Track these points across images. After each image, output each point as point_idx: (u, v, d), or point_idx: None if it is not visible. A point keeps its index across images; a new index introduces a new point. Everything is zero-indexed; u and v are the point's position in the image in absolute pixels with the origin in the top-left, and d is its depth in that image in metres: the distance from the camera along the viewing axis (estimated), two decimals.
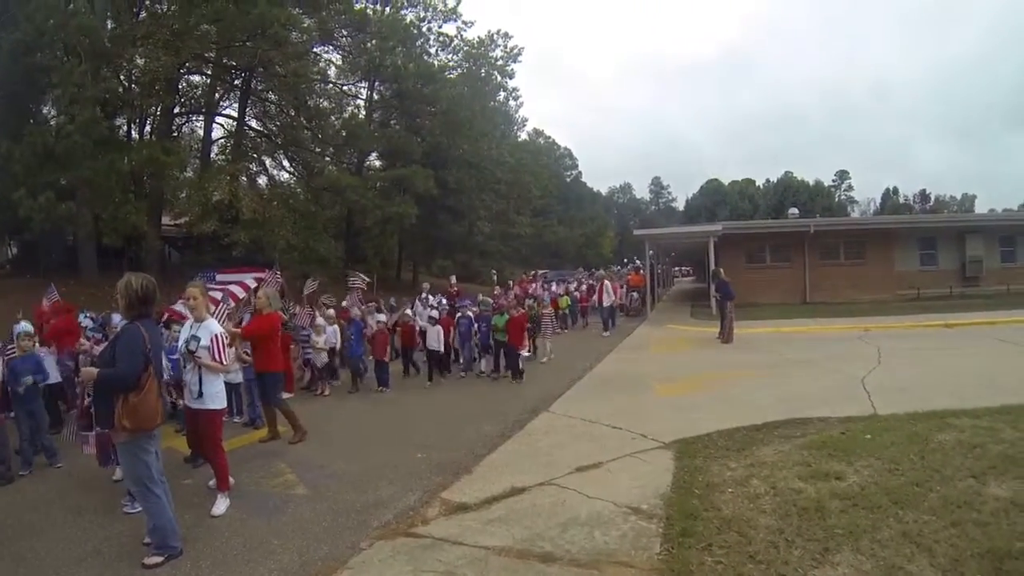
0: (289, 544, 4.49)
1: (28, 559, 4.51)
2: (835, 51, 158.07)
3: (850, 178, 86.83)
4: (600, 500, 4.71)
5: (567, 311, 19.11)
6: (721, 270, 15.44)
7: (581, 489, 5.00)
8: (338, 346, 10.88)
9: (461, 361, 11.99)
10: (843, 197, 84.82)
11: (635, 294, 22.70)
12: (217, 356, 5.33)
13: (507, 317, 10.80)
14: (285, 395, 9.21)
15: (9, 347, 7.51)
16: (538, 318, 12.97)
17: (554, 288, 21.87)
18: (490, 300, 13.21)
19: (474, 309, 12.10)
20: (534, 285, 22.79)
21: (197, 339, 5.35)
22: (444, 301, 16.66)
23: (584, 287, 22.77)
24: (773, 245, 23.31)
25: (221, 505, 5.29)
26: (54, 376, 7.76)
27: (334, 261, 25.66)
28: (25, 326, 8.32)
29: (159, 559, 4.28)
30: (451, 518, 4.68)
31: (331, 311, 11.13)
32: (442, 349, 11.29)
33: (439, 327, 11.27)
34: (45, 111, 24.25)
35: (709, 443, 5.96)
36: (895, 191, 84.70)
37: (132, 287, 4.24)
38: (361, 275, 14.66)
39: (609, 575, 3.58)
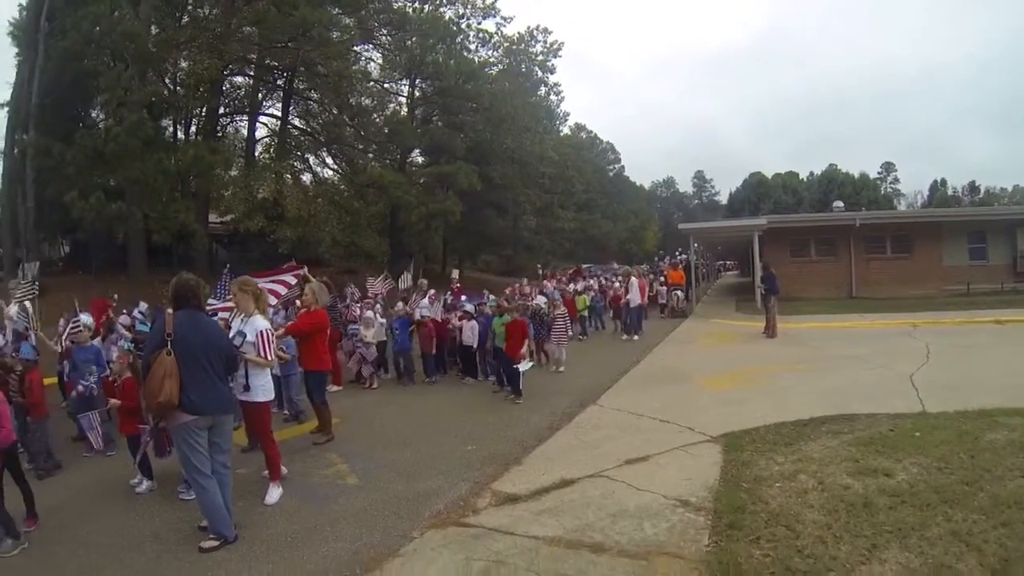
0: (341, 532, 4.59)
1: (89, 543, 4.69)
2: (880, 34, 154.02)
3: (896, 170, 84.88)
4: (649, 492, 4.75)
5: (587, 313, 16.20)
6: (768, 263, 15.20)
7: (630, 481, 5.04)
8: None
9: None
10: (889, 189, 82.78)
11: (679, 292, 20.46)
12: (262, 351, 5.49)
13: (507, 319, 9.38)
14: (333, 388, 9.44)
15: (73, 328, 7.91)
16: (549, 321, 11.43)
17: (571, 286, 18.27)
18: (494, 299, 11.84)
19: (468, 307, 11.13)
20: (547, 283, 18.98)
21: (243, 334, 5.52)
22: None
23: (616, 284, 19.41)
24: (818, 239, 22.91)
25: (274, 494, 5.43)
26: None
27: (379, 257, 25.90)
28: (85, 318, 8.51)
29: (215, 543, 4.44)
30: (501, 508, 4.75)
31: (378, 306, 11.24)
32: (475, 345, 10.64)
33: (474, 323, 10.68)
34: (93, 115, 25.11)
35: (756, 437, 5.95)
36: (943, 183, 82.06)
37: (170, 285, 4.65)
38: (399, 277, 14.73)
39: (659, 566, 3.60)
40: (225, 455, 4.77)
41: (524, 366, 8.82)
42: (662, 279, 21.95)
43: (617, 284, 18.73)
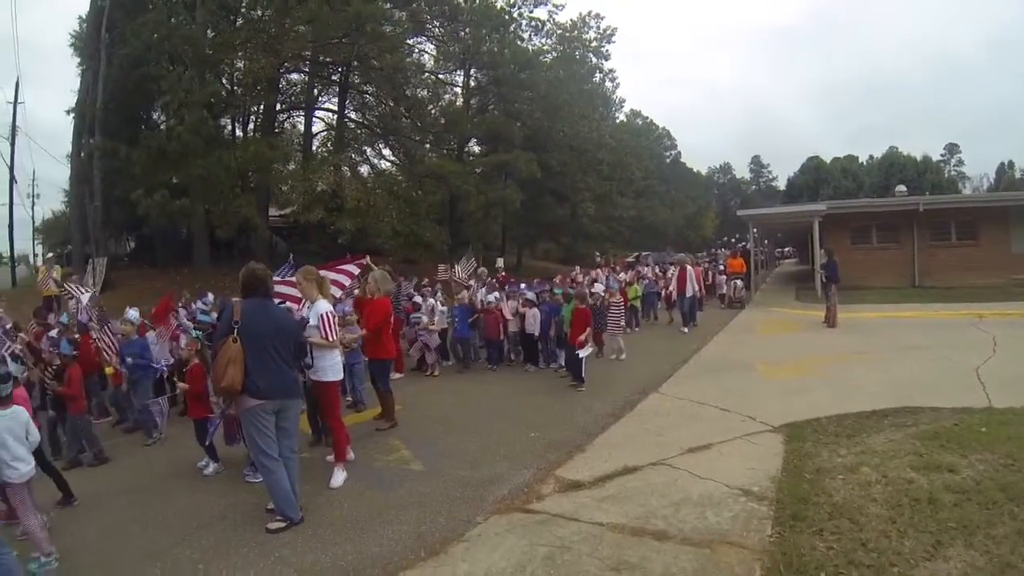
0: (406, 516, 4.71)
1: (159, 522, 4.96)
2: (941, 7, 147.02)
3: (960, 151, 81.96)
4: (711, 481, 4.78)
5: (639, 304, 15.39)
6: (831, 250, 14.84)
7: (692, 470, 5.07)
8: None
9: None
10: (953, 172, 79.73)
11: (739, 281, 19.46)
12: (324, 332, 5.72)
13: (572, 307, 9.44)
14: (395, 376, 9.65)
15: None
16: (603, 309, 10.91)
17: (622, 275, 17.92)
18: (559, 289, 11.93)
19: (529, 295, 10.97)
20: (599, 272, 19.00)
21: (306, 319, 5.85)
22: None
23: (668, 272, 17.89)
24: (879, 225, 22.18)
25: (339, 477, 5.60)
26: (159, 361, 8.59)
27: (439, 246, 26.16)
28: (133, 313, 8.97)
29: (281, 525, 4.62)
30: (565, 495, 4.82)
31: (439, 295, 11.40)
32: (537, 333, 10.64)
33: (536, 310, 10.61)
34: (155, 117, 26.07)
35: (818, 428, 5.91)
36: (1010, 165, 78.81)
37: (244, 272, 4.87)
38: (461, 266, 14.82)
39: (722, 555, 3.63)
40: (292, 439, 4.96)
41: (584, 352, 8.89)
42: (720, 267, 21.47)
43: (669, 273, 17.21)
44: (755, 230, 25.24)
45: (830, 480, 4.55)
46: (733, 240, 34.60)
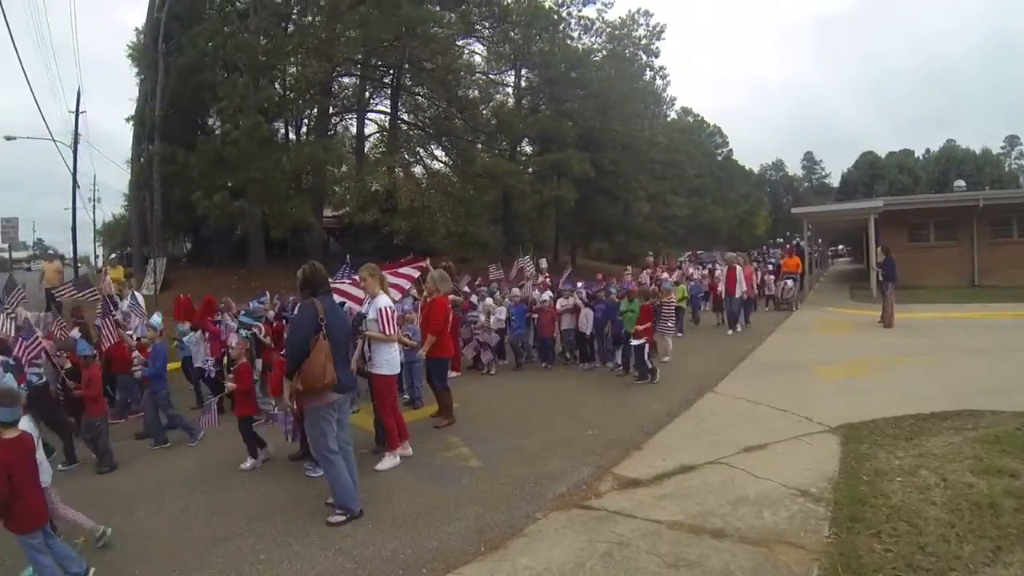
0: (466, 511, 4.80)
1: (220, 512, 5.17)
2: None
3: (1021, 143, 78.49)
4: (768, 480, 4.80)
5: (684, 305, 14.56)
6: (889, 248, 14.42)
7: (749, 469, 5.10)
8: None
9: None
10: (1014, 166, 76.95)
11: (789, 281, 18.26)
12: (383, 327, 5.93)
13: (635, 304, 9.56)
14: (452, 374, 9.81)
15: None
16: (657, 309, 10.42)
17: (665, 275, 15.53)
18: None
19: (582, 295, 11.11)
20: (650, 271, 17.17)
21: (363, 315, 6.12)
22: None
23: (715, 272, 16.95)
24: (937, 221, 21.68)
25: (387, 462, 5.91)
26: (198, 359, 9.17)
27: (493, 245, 26.42)
28: (155, 320, 9.11)
29: (341, 518, 4.74)
30: (623, 492, 4.90)
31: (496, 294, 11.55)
32: (590, 331, 10.71)
33: (589, 310, 10.68)
34: (210, 122, 26.93)
35: (875, 429, 5.87)
36: None
37: (299, 274, 4.98)
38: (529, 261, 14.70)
39: (780, 554, 3.66)
40: (347, 431, 5.14)
41: (637, 341, 9.15)
42: (770, 266, 20.77)
43: (717, 273, 16.29)
44: (809, 228, 24.85)
45: (888, 482, 4.53)
46: (784, 239, 33.64)
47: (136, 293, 11.82)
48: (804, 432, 6.05)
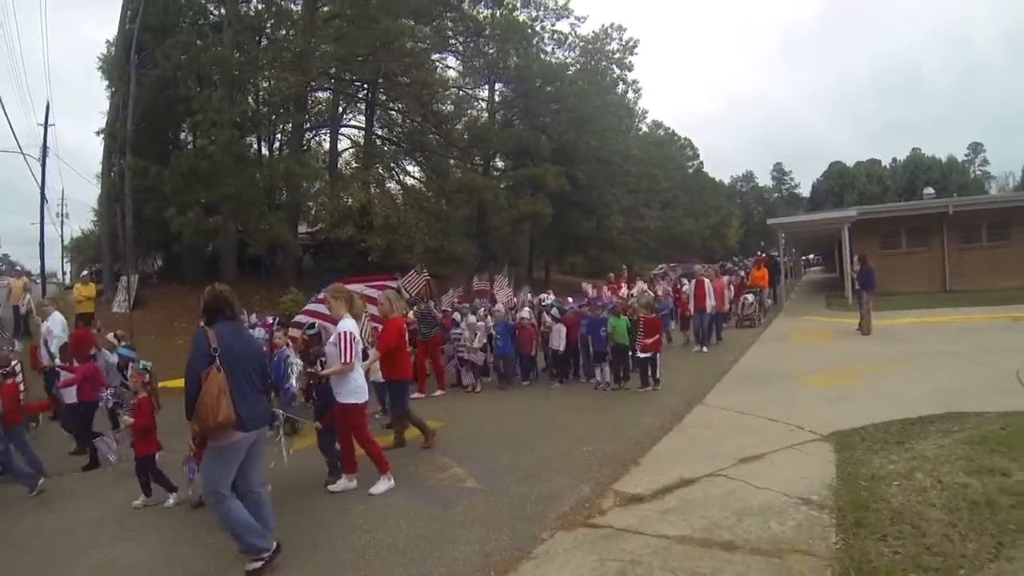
0: (469, 535, 4.67)
1: (208, 545, 4.99)
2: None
3: (984, 151, 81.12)
4: (769, 490, 4.82)
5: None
6: (867, 257, 14.70)
7: (749, 480, 5.11)
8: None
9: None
10: (978, 172, 79.17)
11: (749, 296, 17.05)
12: (342, 353, 5.59)
13: (623, 320, 9.81)
14: (437, 392, 9.79)
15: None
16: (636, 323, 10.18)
17: (623, 291, 15.33)
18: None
19: (554, 311, 11.16)
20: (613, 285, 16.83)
21: (328, 340, 5.89)
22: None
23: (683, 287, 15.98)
24: (909, 229, 22.12)
25: (381, 485, 5.76)
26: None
27: (469, 260, 26.38)
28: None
29: (257, 564, 4.34)
30: (627, 508, 4.87)
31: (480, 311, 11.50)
32: (561, 348, 10.76)
33: (562, 326, 10.78)
34: (183, 136, 26.60)
35: (866, 436, 5.94)
36: None
37: (207, 294, 4.55)
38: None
39: (793, 563, 3.67)
40: (261, 468, 4.75)
41: (645, 354, 9.38)
42: (739, 278, 19.54)
43: (684, 287, 15.55)
44: (784, 239, 25.19)
45: (886, 487, 4.59)
46: (761, 250, 33.96)
47: (57, 313, 10.98)
48: (797, 441, 6.10)
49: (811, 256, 54.86)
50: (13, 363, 7.90)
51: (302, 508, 5.62)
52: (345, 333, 5.65)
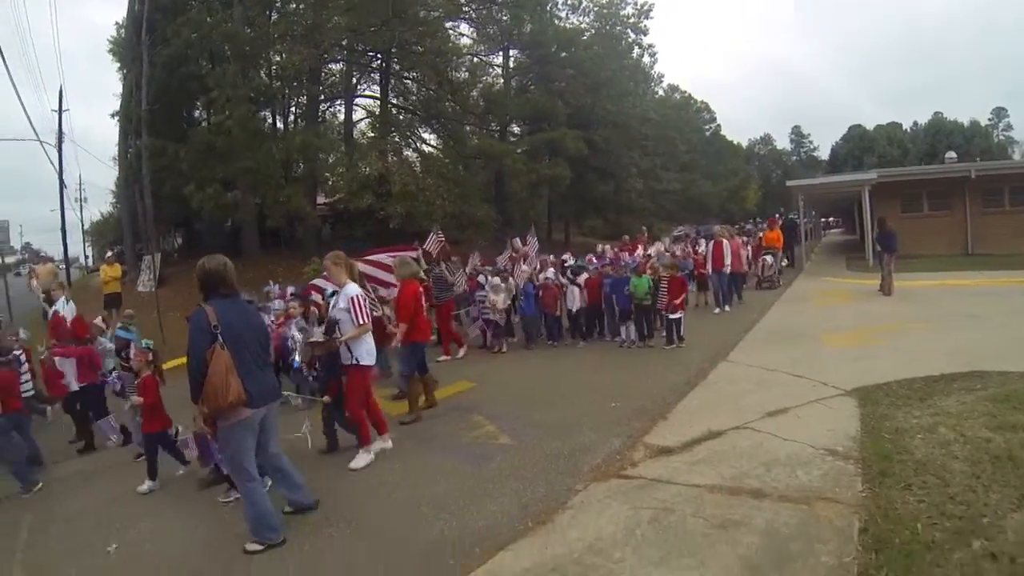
0: (505, 488, 4.83)
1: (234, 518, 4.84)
2: None
3: (1008, 115, 78.43)
4: (795, 442, 4.93)
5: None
6: (886, 219, 14.61)
7: (775, 432, 5.23)
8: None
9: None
10: (1001, 137, 76.69)
11: (768, 257, 16.68)
12: (356, 316, 5.58)
13: (645, 280, 9.99)
14: (459, 353, 10.07)
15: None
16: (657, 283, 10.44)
17: (639, 252, 15.08)
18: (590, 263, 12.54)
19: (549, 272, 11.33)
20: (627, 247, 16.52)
21: (336, 319, 5.73)
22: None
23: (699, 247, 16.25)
24: (930, 192, 21.86)
25: (360, 459, 5.66)
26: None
27: (489, 224, 26.35)
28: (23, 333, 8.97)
29: (259, 547, 4.26)
30: (657, 460, 5.00)
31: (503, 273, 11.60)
32: (575, 309, 11.10)
33: (575, 287, 11.09)
34: (197, 114, 26.70)
35: (889, 392, 6.02)
36: None
37: (198, 270, 4.32)
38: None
39: (820, 510, 3.79)
40: (276, 443, 4.67)
41: (676, 315, 9.64)
42: (756, 240, 19.35)
43: (701, 248, 15.83)
44: (802, 201, 25.02)
45: (910, 439, 4.68)
46: (780, 214, 33.43)
47: (62, 299, 10.66)
48: (821, 396, 6.20)
49: (830, 219, 54.40)
50: (16, 352, 7.68)
51: (341, 468, 5.74)
52: (355, 297, 5.64)
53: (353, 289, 5.74)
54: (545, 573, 3.54)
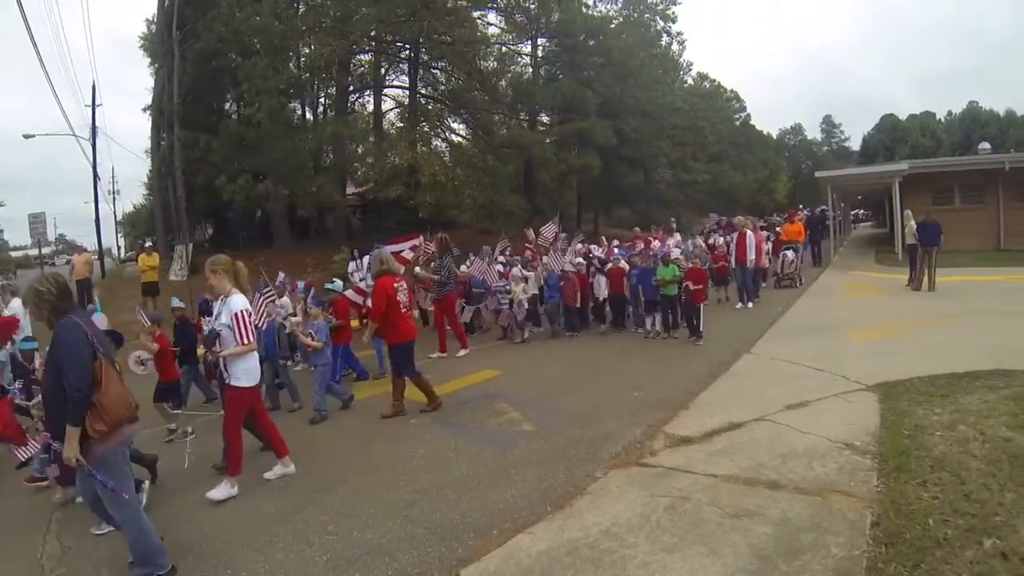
0: (526, 473, 4.94)
1: (280, 488, 5.17)
2: None
3: None
4: (813, 435, 4.99)
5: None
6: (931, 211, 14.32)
7: (794, 425, 5.29)
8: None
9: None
10: None
11: (789, 252, 15.46)
12: (238, 336, 4.96)
13: (672, 270, 9.90)
14: (461, 352, 9.91)
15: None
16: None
17: (656, 244, 13.91)
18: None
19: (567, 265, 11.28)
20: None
21: (216, 331, 5.10)
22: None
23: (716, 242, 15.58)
24: (962, 185, 21.48)
25: (221, 491, 5.03)
26: None
27: (519, 214, 26.44)
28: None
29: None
30: (676, 449, 5.11)
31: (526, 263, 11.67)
32: (603, 298, 11.34)
33: (601, 276, 11.28)
34: (227, 107, 27.16)
35: (911, 388, 6.02)
36: None
37: (42, 295, 3.74)
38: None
39: (834, 503, 3.85)
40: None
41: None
42: (776, 234, 17.85)
43: (721, 241, 15.37)
44: (832, 193, 24.74)
45: (928, 436, 4.70)
46: (808, 208, 32.68)
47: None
48: (842, 390, 6.23)
49: (859, 211, 53.47)
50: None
51: (364, 452, 5.92)
52: (239, 312, 4.98)
53: (238, 303, 5.05)
54: (560, 556, 3.64)
